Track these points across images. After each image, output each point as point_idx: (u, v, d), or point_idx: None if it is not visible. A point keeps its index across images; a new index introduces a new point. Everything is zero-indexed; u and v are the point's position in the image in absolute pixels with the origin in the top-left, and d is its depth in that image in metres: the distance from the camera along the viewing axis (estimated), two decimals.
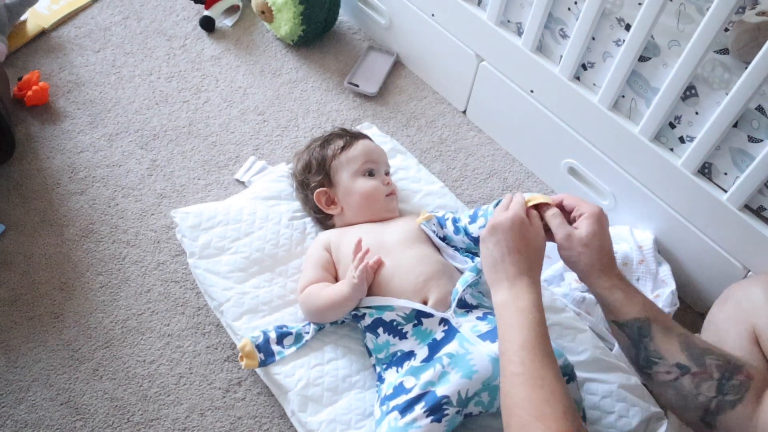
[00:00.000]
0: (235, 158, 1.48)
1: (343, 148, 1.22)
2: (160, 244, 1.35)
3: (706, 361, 0.88)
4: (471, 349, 0.98)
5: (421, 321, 1.04)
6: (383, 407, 1.00)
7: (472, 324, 1.02)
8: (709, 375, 0.87)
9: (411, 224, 1.18)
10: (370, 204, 1.20)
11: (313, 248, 1.18)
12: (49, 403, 1.16)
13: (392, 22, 1.63)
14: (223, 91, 1.60)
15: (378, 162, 1.23)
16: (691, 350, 0.89)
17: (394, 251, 1.11)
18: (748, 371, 0.87)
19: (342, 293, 1.07)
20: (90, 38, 1.69)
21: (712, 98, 1.09)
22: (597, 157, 1.31)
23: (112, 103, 1.56)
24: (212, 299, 1.18)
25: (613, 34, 1.18)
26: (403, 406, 0.97)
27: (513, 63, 1.38)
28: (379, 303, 1.06)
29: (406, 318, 1.04)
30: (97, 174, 1.44)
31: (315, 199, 1.22)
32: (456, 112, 1.60)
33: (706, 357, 0.88)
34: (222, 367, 1.20)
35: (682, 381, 0.89)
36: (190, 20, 1.74)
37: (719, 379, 0.87)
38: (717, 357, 0.88)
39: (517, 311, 0.86)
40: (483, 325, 1.02)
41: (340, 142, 1.24)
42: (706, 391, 0.87)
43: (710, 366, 0.87)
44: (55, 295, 1.28)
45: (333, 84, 1.63)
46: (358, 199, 1.19)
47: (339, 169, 1.21)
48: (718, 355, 0.88)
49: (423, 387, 0.97)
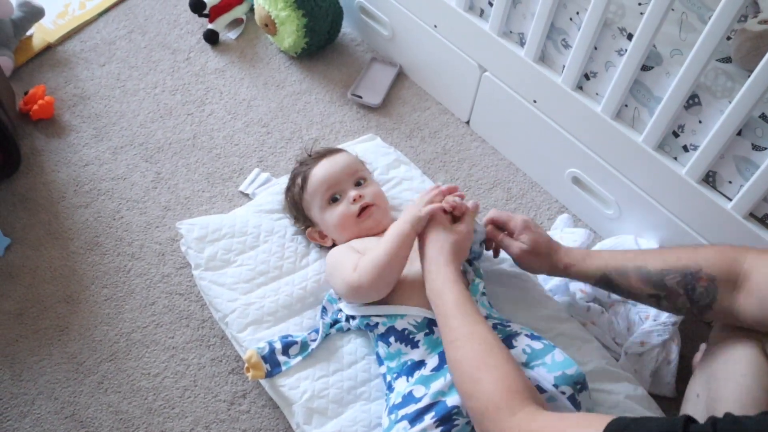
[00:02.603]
0: (240, 170, 1.49)
1: (303, 187, 1.20)
2: (165, 257, 1.35)
3: (667, 283, 0.96)
4: None
5: (432, 330, 1.03)
6: (392, 416, 0.99)
7: None
8: (677, 294, 0.95)
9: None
10: (347, 229, 1.17)
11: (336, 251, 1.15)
12: (54, 416, 1.16)
13: (395, 33, 1.63)
14: (227, 103, 1.61)
15: (339, 182, 1.17)
16: (650, 280, 0.97)
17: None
18: (707, 273, 0.92)
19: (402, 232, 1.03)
20: (95, 52, 1.70)
21: (715, 107, 1.09)
22: (601, 166, 1.31)
23: (117, 117, 1.57)
24: (217, 310, 1.18)
25: (615, 43, 1.18)
26: (413, 415, 0.96)
27: (516, 73, 1.38)
28: (392, 312, 1.06)
29: (418, 326, 1.04)
30: (102, 187, 1.45)
31: (309, 239, 1.23)
32: (459, 122, 1.60)
33: (665, 279, 0.96)
34: (227, 379, 1.20)
35: (662, 304, 0.98)
36: (194, 33, 1.75)
37: (686, 293, 0.94)
38: (674, 274, 0.95)
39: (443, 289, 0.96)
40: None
41: (299, 180, 1.22)
42: (683, 305, 0.95)
43: (672, 286, 0.95)
44: (60, 308, 1.28)
45: (336, 96, 1.64)
46: (335, 229, 1.18)
47: (309, 208, 1.21)
48: (674, 271, 0.95)
49: (433, 397, 0.97)
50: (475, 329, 0.90)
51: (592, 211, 1.40)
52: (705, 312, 0.94)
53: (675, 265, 0.95)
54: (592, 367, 1.11)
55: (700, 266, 0.93)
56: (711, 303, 0.92)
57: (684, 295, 0.94)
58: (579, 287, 1.26)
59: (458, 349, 0.89)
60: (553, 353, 1.00)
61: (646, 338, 1.18)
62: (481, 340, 0.88)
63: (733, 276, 0.91)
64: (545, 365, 0.98)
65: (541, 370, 0.97)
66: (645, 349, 1.17)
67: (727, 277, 0.91)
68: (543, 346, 1.01)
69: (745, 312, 0.89)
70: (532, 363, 0.98)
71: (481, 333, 0.89)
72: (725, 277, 0.91)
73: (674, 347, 1.19)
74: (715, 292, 0.91)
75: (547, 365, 0.98)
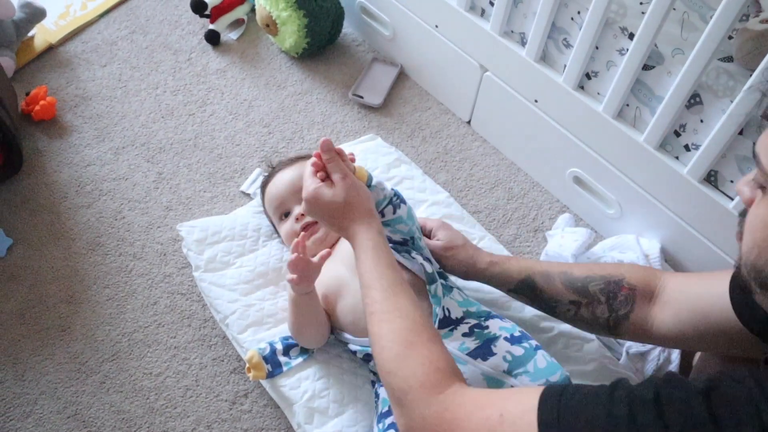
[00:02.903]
0: (241, 170, 1.49)
1: (264, 202, 1.23)
2: (167, 257, 1.35)
3: (590, 289, 0.99)
4: (463, 369, 0.91)
5: None
6: (380, 425, 0.99)
7: (458, 342, 0.98)
8: (597, 301, 0.98)
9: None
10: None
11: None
12: (56, 416, 1.16)
13: (396, 33, 1.64)
14: (228, 103, 1.61)
15: (284, 200, 1.17)
16: (574, 285, 0.99)
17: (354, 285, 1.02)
18: (629, 283, 0.96)
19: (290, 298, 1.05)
20: (97, 53, 1.70)
21: (716, 106, 1.09)
22: (602, 166, 1.31)
23: (119, 117, 1.58)
24: (218, 312, 1.18)
25: (616, 43, 1.18)
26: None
27: (517, 73, 1.38)
28: (361, 343, 1.05)
29: None
30: (104, 187, 1.45)
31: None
32: (460, 122, 1.60)
33: (588, 286, 0.99)
34: (228, 379, 1.20)
35: (581, 313, 1.00)
36: (196, 34, 1.75)
37: (606, 301, 0.97)
38: (597, 281, 0.98)
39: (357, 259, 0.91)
40: (470, 342, 0.98)
41: (261, 195, 1.24)
42: (601, 314, 0.98)
43: (594, 293, 0.98)
44: (62, 308, 1.28)
45: (338, 96, 1.64)
46: (287, 244, 1.20)
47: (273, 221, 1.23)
48: (598, 279, 0.98)
49: None
50: (399, 302, 0.85)
51: (593, 211, 1.40)
52: (621, 323, 0.96)
53: (599, 273, 0.99)
54: (593, 366, 1.11)
55: (623, 276, 0.97)
56: (628, 313, 0.96)
57: (605, 303, 0.97)
58: None
59: (382, 323, 0.84)
60: (535, 359, 0.96)
61: None
62: (405, 315, 0.83)
63: (650, 288, 0.95)
64: (528, 373, 0.94)
65: (524, 378, 0.94)
66: (646, 349, 1.17)
67: (645, 288, 0.95)
68: (524, 351, 0.97)
69: (660, 324, 0.93)
70: (515, 371, 0.95)
71: (406, 308, 0.84)
72: (644, 287, 0.95)
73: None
74: (634, 301, 0.95)
75: (530, 373, 0.94)
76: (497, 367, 0.94)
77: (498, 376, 0.94)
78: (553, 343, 1.14)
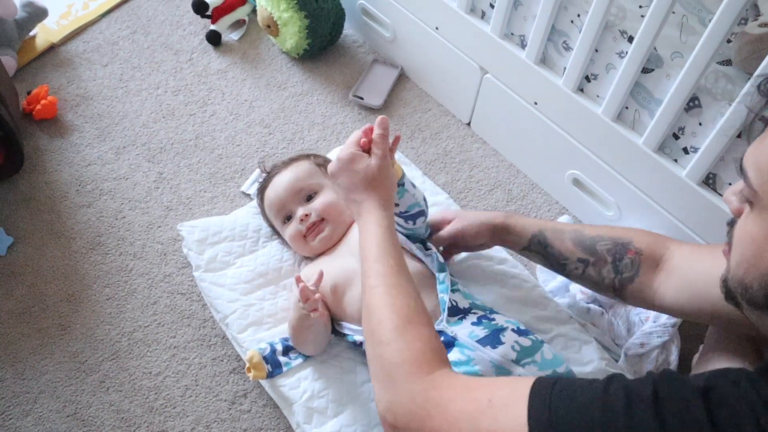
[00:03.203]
0: (241, 171, 1.49)
1: (262, 207, 1.23)
2: (167, 257, 1.35)
3: (598, 249, 1.00)
4: (473, 356, 0.96)
5: None
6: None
7: (468, 330, 1.00)
8: (604, 261, 1.00)
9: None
10: (300, 247, 1.19)
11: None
12: (55, 415, 1.16)
13: (396, 35, 1.64)
14: (229, 104, 1.62)
15: (285, 203, 1.18)
16: (583, 243, 1.01)
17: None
18: (636, 247, 0.98)
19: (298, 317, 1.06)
20: (98, 53, 1.71)
21: (715, 109, 1.10)
22: (601, 168, 1.31)
23: (120, 117, 1.58)
24: (217, 311, 1.18)
25: (616, 46, 1.18)
26: None
27: (517, 75, 1.38)
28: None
29: None
30: (105, 187, 1.46)
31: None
32: (460, 124, 1.61)
33: (597, 245, 1.01)
34: (228, 379, 1.21)
35: (588, 272, 1.01)
36: (197, 34, 1.76)
37: (612, 262, 0.99)
38: (606, 242, 1.00)
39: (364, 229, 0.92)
40: (479, 330, 1.00)
41: (259, 201, 1.24)
42: (607, 274, 1.00)
43: (602, 252, 1.00)
44: (62, 307, 1.28)
45: (338, 97, 1.64)
46: (293, 246, 1.21)
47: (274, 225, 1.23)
48: (607, 239, 1.00)
49: None
50: (402, 282, 0.86)
51: (592, 213, 1.40)
52: (626, 286, 0.98)
53: (609, 234, 1.01)
54: (591, 368, 1.11)
55: (630, 239, 0.99)
56: (633, 276, 0.97)
57: (610, 264, 0.99)
58: (579, 288, 1.26)
59: (384, 296, 0.84)
60: (542, 350, 0.99)
61: (646, 339, 1.18)
62: (407, 294, 0.85)
63: (657, 255, 0.96)
64: (536, 363, 0.97)
65: (532, 368, 0.96)
66: (645, 350, 1.18)
67: (652, 254, 0.97)
68: (531, 342, 1.00)
69: (662, 293, 0.94)
70: (523, 361, 0.97)
71: (408, 289, 0.86)
72: (650, 254, 0.97)
73: (674, 348, 1.19)
74: (639, 266, 0.97)
75: (538, 363, 0.97)
76: (506, 355, 0.96)
77: (506, 365, 0.95)
78: (551, 344, 1.14)
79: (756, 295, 0.63)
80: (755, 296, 0.63)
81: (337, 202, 1.17)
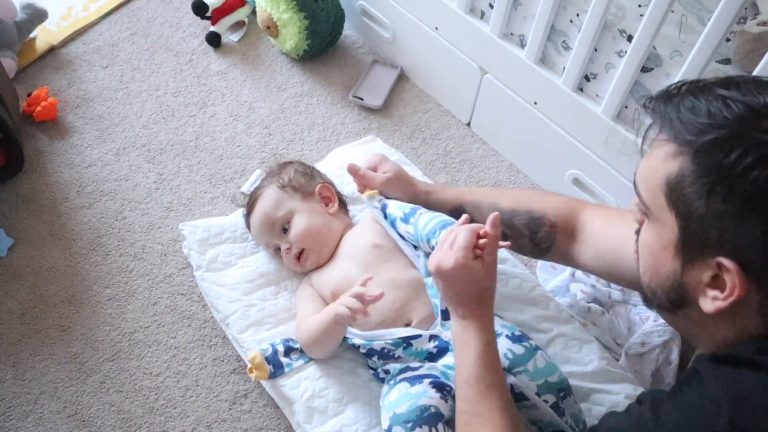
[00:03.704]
0: (242, 172, 1.49)
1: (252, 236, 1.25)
2: (167, 257, 1.35)
3: (515, 223, 1.04)
4: None
5: (410, 343, 1.03)
6: (391, 382, 1.01)
7: None
8: (521, 234, 1.03)
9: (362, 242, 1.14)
10: (300, 270, 1.20)
11: (300, 289, 1.19)
12: (56, 415, 1.16)
13: (396, 35, 1.64)
14: (229, 105, 1.62)
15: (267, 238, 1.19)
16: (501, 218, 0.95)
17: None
18: (550, 220, 1.02)
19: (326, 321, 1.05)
20: (98, 54, 1.71)
21: None
22: (601, 167, 1.32)
23: (120, 118, 1.58)
24: (218, 312, 1.18)
25: (615, 45, 1.18)
26: (412, 378, 0.98)
27: (516, 75, 1.39)
28: (365, 337, 1.07)
29: (395, 344, 1.04)
30: (105, 188, 1.46)
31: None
32: (460, 124, 1.61)
33: (514, 220, 1.04)
34: (228, 379, 1.21)
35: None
36: (197, 36, 1.76)
37: (530, 235, 1.03)
38: (521, 216, 1.03)
39: (464, 347, 0.88)
40: None
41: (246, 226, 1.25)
42: (525, 245, 1.05)
43: (519, 227, 1.04)
44: (62, 308, 1.28)
45: (338, 97, 1.64)
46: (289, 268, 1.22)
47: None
48: (522, 213, 1.04)
49: (429, 369, 0.99)
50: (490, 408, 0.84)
51: None
52: (544, 254, 1.04)
53: (524, 207, 1.04)
54: (592, 367, 1.11)
55: (545, 212, 1.02)
56: (549, 247, 1.03)
57: (527, 237, 1.03)
58: (580, 288, 1.26)
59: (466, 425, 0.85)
60: (534, 358, 0.98)
61: (647, 339, 1.18)
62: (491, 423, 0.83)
63: (571, 225, 1.01)
64: (527, 372, 0.97)
65: (523, 377, 0.96)
66: (645, 349, 1.18)
67: (566, 225, 1.01)
68: (525, 350, 0.99)
69: (583, 259, 1.00)
70: (515, 369, 0.97)
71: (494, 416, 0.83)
72: (564, 225, 1.01)
73: (675, 347, 1.19)
74: (554, 238, 1.02)
75: (530, 372, 0.97)
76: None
77: None
78: (551, 344, 1.14)
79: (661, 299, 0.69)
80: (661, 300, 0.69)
81: (311, 226, 1.15)
